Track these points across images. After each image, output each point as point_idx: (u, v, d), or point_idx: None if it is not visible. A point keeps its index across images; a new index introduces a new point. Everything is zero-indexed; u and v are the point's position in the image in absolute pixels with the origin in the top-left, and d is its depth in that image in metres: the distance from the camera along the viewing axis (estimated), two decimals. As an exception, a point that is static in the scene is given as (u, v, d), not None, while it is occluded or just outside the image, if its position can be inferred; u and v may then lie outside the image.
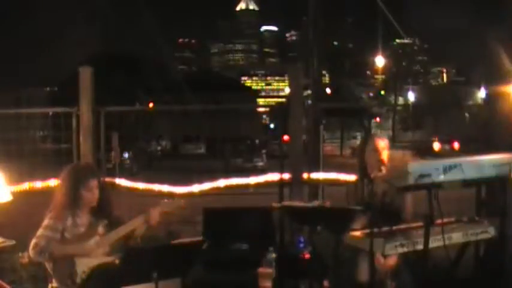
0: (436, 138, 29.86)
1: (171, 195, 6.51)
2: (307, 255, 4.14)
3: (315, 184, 6.11)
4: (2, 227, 4.72)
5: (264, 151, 27.85)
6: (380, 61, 51.69)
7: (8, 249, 4.55)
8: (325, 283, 3.93)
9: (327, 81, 63.05)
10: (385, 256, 3.64)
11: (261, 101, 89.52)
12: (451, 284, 3.78)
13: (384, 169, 4.01)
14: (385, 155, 4.15)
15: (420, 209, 3.74)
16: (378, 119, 52.37)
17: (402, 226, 3.75)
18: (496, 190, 3.77)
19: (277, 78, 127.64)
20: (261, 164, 24.86)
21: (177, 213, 3.96)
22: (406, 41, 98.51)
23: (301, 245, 4.24)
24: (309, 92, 7.71)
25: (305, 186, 5.98)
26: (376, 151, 4.15)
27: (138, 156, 21.75)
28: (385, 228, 3.60)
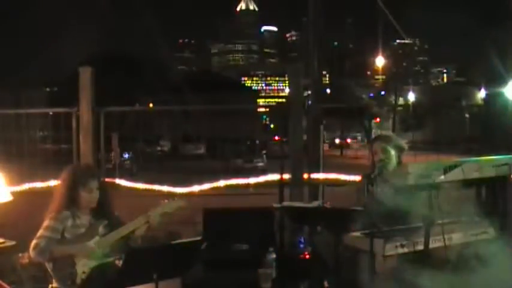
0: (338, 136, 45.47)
1: (171, 196, 6.50)
2: (307, 256, 4.14)
3: (315, 184, 6.10)
4: (2, 227, 4.72)
5: (264, 151, 27.83)
6: (380, 61, 51.75)
7: (8, 249, 4.55)
8: (325, 283, 3.93)
9: (327, 82, 63.07)
10: (385, 256, 3.64)
11: (261, 101, 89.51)
12: (450, 284, 3.77)
13: (389, 169, 4.02)
14: (388, 156, 4.13)
15: (420, 209, 3.74)
16: (378, 119, 52.31)
17: (402, 226, 3.75)
18: (496, 190, 3.76)
19: (277, 78, 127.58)
20: (261, 164, 24.83)
21: (177, 213, 3.96)
22: (406, 41, 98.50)
23: (301, 245, 4.24)
24: (309, 92, 7.70)
25: (305, 186, 5.98)
26: (376, 154, 4.15)
27: (138, 156, 21.74)
28: (385, 229, 3.60)
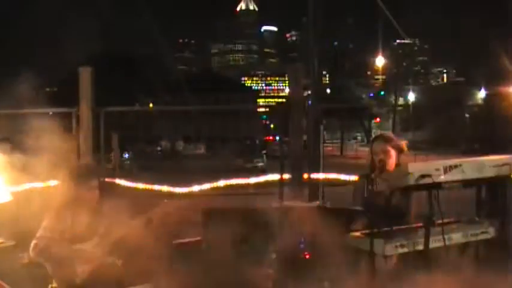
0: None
1: (171, 195, 6.51)
2: (307, 256, 4.13)
3: (315, 184, 6.11)
4: (2, 227, 4.71)
5: (264, 151, 27.88)
6: (380, 61, 51.81)
7: (8, 249, 4.55)
8: (325, 283, 3.92)
9: (327, 81, 63.03)
10: (385, 257, 3.64)
11: (261, 101, 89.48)
12: (450, 284, 3.78)
13: (387, 169, 4.02)
14: (389, 156, 4.13)
15: (420, 209, 3.74)
16: (378, 119, 52.44)
17: (402, 226, 3.75)
18: (496, 190, 3.76)
19: (277, 78, 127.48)
20: (261, 164, 24.88)
21: (177, 213, 3.96)
22: (406, 41, 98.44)
23: (301, 245, 4.23)
24: (309, 92, 7.71)
25: (305, 186, 5.98)
26: (376, 154, 4.15)
27: (138, 156, 21.78)
28: (385, 229, 3.59)
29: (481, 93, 49.85)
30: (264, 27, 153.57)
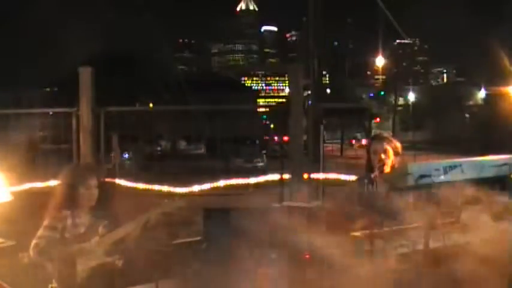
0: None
1: (171, 195, 6.51)
2: (307, 255, 4.14)
3: (315, 184, 6.11)
4: (2, 227, 4.71)
5: (264, 151, 27.89)
6: (380, 61, 51.86)
7: (8, 249, 4.55)
8: (325, 283, 3.93)
9: (327, 82, 63.09)
10: (385, 256, 3.64)
11: (261, 101, 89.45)
12: (451, 285, 3.78)
13: (385, 169, 4.02)
14: (389, 156, 4.12)
15: (420, 209, 3.74)
16: (378, 119, 52.41)
17: (402, 226, 3.75)
18: (496, 190, 3.77)
19: (277, 78, 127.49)
20: (261, 164, 24.88)
21: (177, 213, 3.96)
22: (406, 41, 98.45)
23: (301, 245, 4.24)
24: (309, 92, 7.72)
25: (305, 186, 5.98)
26: (376, 153, 4.14)
27: (138, 156, 21.75)
28: (385, 229, 3.60)
29: (481, 93, 49.86)
30: (264, 27, 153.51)
